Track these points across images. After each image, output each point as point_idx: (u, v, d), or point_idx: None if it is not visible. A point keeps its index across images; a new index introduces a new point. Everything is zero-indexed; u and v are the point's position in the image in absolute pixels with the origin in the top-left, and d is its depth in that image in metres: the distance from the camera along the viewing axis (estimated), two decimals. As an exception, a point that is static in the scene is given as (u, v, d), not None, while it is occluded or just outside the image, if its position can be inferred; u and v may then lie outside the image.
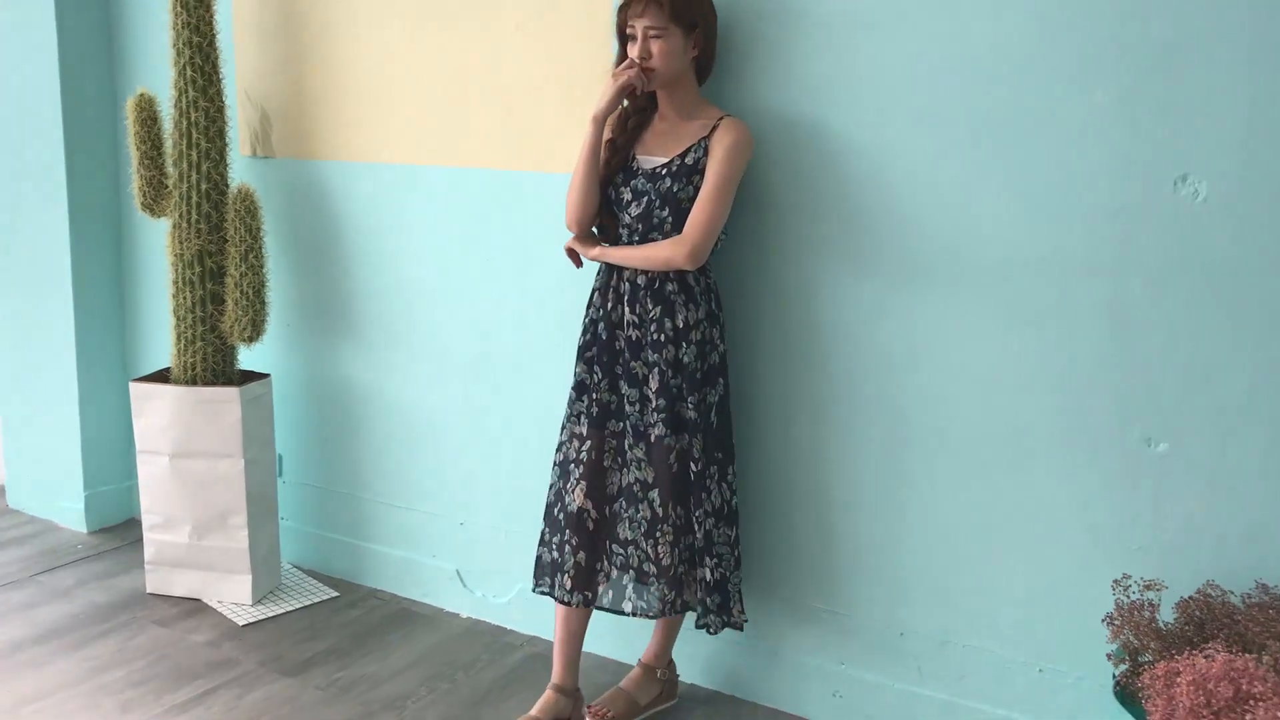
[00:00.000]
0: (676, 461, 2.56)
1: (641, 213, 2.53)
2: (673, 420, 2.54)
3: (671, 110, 2.57)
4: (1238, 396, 2.20)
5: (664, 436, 2.54)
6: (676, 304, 2.54)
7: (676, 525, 2.57)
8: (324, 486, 3.55)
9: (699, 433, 2.54)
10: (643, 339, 2.56)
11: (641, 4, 2.45)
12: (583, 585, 2.61)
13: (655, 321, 2.54)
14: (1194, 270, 2.21)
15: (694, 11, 2.47)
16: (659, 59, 2.46)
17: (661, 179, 2.52)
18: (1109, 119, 2.25)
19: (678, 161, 2.52)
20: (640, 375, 2.56)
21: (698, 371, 2.55)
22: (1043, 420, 2.40)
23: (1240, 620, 2.09)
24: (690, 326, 2.54)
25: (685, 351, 2.54)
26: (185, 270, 3.25)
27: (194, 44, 3.17)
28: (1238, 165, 2.14)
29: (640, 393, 2.57)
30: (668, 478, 2.55)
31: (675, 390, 2.54)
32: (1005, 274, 2.40)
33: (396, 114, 3.19)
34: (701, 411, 2.55)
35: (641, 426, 2.57)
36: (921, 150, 2.45)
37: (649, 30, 2.45)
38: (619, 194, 2.58)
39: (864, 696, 2.70)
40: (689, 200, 2.50)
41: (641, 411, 2.57)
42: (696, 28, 2.49)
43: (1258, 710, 1.80)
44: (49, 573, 3.55)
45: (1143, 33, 2.19)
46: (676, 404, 2.55)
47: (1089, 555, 2.38)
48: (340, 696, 2.85)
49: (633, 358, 2.57)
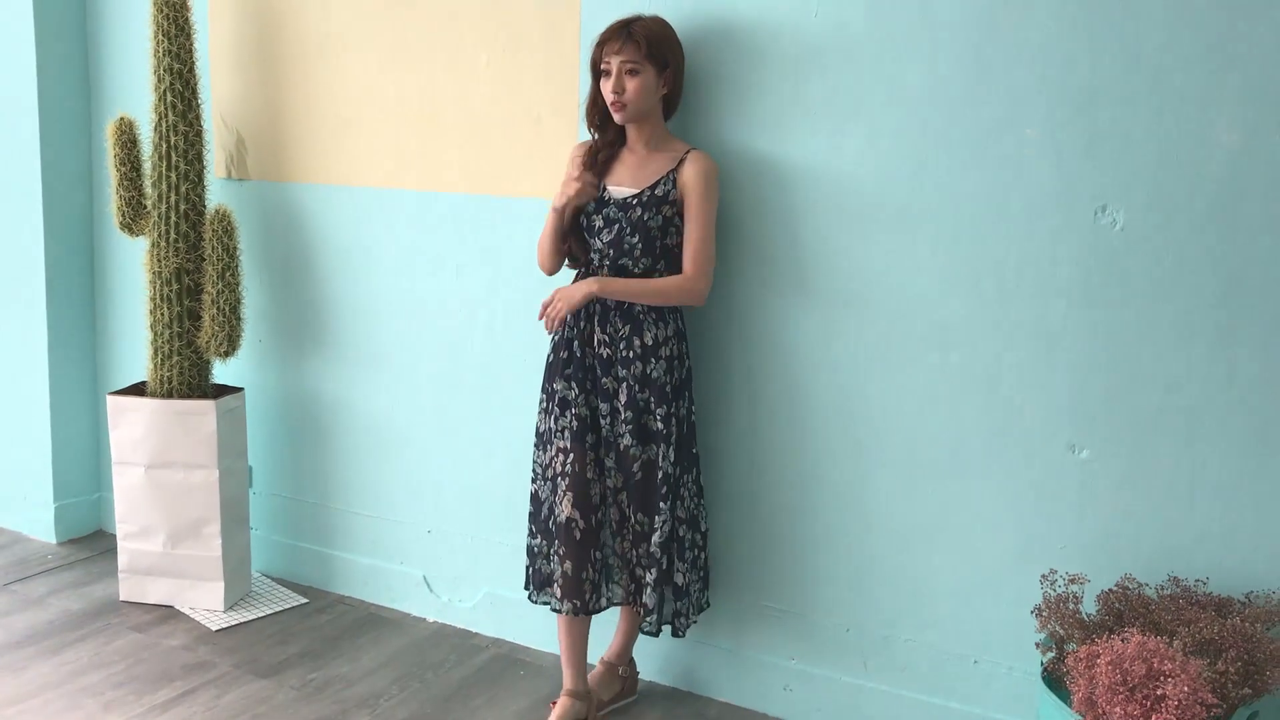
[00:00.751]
0: (641, 470, 2.73)
1: (613, 239, 2.70)
2: (639, 431, 2.72)
3: (640, 144, 2.75)
4: (1151, 406, 2.42)
5: (631, 446, 2.72)
6: (645, 323, 2.72)
7: (636, 531, 2.74)
8: (294, 496, 3.67)
9: (666, 443, 2.72)
10: (613, 356, 2.73)
11: (619, 40, 2.62)
12: (571, 594, 2.73)
13: (625, 340, 2.72)
14: (1113, 292, 2.42)
15: (667, 52, 2.66)
16: (632, 94, 2.63)
17: (633, 208, 2.70)
18: (1036, 153, 2.46)
19: (648, 193, 2.70)
20: (610, 389, 2.73)
21: (667, 385, 2.73)
22: (977, 430, 2.61)
23: (1154, 610, 2.29)
24: (659, 343, 2.72)
25: (654, 367, 2.71)
26: (163, 287, 3.36)
27: (174, 70, 3.31)
28: (1151, 197, 2.37)
29: (611, 406, 2.73)
30: (633, 484, 2.73)
31: (642, 404, 2.72)
32: (943, 294, 2.60)
33: (368, 139, 3.35)
34: (671, 424, 2.72)
35: (612, 438, 2.74)
36: (867, 179, 2.65)
37: (625, 65, 2.62)
38: (590, 221, 2.75)
39: (813, 689, 2.88)
40: (658, 228, 2.69)
41: (612, 424, 2.74)
42: (668, 67, 2.68)
43: (1167, 685, 2.00)
44: (20, 582, 3.62)
45: (1067, 77, 2.41)
46: (643, 416, 2.72)
47: (1019, 553, 2.58)
48: (315, 696, 2.97)
49: (603, 373, 2.73)
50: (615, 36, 2.63)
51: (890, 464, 2.72)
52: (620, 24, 2.65)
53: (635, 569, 2.77)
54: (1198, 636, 2.16)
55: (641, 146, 2.75)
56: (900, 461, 2.70)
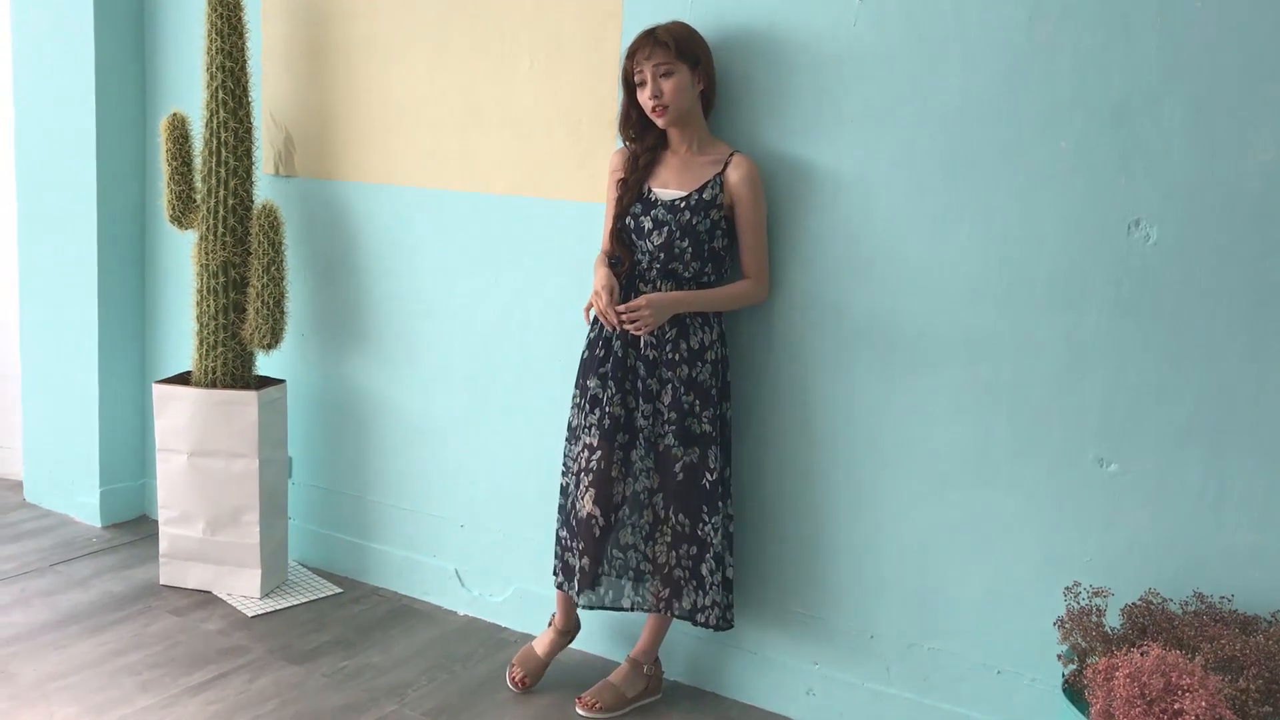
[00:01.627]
0: (683, 472, 2.77)
1: (663, 243, 2.75)
2: (682, 433, 2.76)
3: (684, 145, 2.79)
4: (1181, 422, 2.41)
5: (673, 447, 2.76)
6: (692, 327, 2.77)
7: (676, 531, 2.78)
8: (331, 488, 3.74)
9: (713, 445, 2.76)
10: (659, 358, 2.77)
11: (649, 47, 2.68)
12: (587, 586, 2.83)
13: (671, 342, 2.76)
14: (1144, 306, 2.42)
15: (695, 48, 2.71)
16: (670, 95, 2.68)
17: (681, 211, 2.74)
18: (1070, 167, 2.47)
19: (696, 196, 2.74)
20: (654, 391, 2.78)
21: (713, 388, 2.77)
22: (1004, 441, 2.61)
23: (1178, 625, 2.28)
24: (706, 347, 2.77)
25: (700, 370, 2.76)
26: (210, 280, 3.45)
27: (226, 69, 3.39)
28: (1186, 212, 2.36)
29: (654, 407, 2.78)
30: (673, 485, 2.77)
31: (687, 406, 2.76)
32: (972, 305, 2.61)
33: (413, 139, 3.41)
34: (717, 426, 2.77)
35: (653, 438, 2.78)
36: (899, 189, 2.66)
37: (658, 69, 2.67)
38: (639, 223, 2.79)
39: (836, 695, 2.89)
40: (706, 232, 2.73)
41: (654, 424, 2.78)
42: (700, 64, 2.72)
43: (1185, 700, 1.99)
44: (66, 563, 3.72)
45: (1102, 89, 2.42)
46: (687, 419, 2.76)
47: (1043, 565, 2.59)
48: (345, 683, 3.03)
49: (648, 375, 2.78)
50: (643, 45, 2.69)
51: (916, 473, 2.73)
52: (644, 33, 2.71)
53: (675, 571, 2.80)
54: (1220, 653, 2.15)
55: (684, 148, 2.79)
56: (926, 471, 2.71)
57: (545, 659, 3.04)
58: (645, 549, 2.82)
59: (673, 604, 2.81)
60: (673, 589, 2.81)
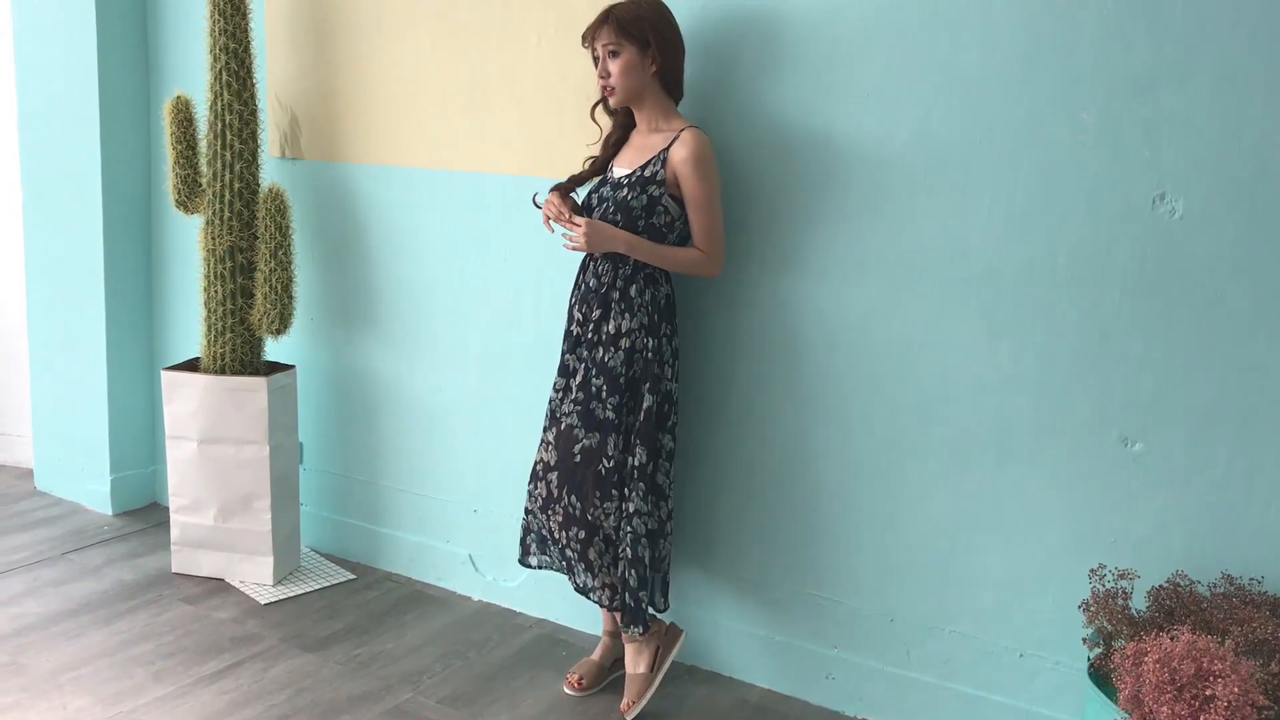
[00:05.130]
0: (580, 455, 2.74)
1: (599, 218, 2.73)
2: (585, 415, 2.73)
3: (643, 125, 2.79)
4: (1208, 400, 2.36)
5: (575, 428, 2.74)
6: (614, 311, 2.75)
7: (568, 513, 2.74)
8: (343, 473, 3.71)
9: (612, 434, 2.72)
10: (581, 336, 2.78)
11: (596, 26, 2.69)
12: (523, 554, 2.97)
13: (594, 324, 2.76)
14: (1169, 282, 2.37)
15: (644, 29, 2.67)
16: (616, 75, 2.68)
17: (621, 188, 2.73)
18: (1093, 140, 2.41)
19: (637, 173, 2.73)
20: (571, 368, 2.79)
21: (621, 376, 2.73)
22: (1027, 419, 2.56)
23: (1206, 608, 2.24)
24: (622, 334, 2.73)
25: (612, 356, 2.73)
26: (217, 265, 3.41)
27: (230, 50, 3.34)
28: (1212, 186, 2.30)
29: (567, 383, 2.80)
30: (568, 466, 2.74)
31: (594, 390, 2.74)
32: (994, 282, 2.56)
33: (420, 119, 3.36)
34: (621, 416, 2.73)
35: (559, 413, 2.79)
36: (919, 163, 2.61)
37: (606, 48, 2.67)
38: (588, 201, 2.81)
39: (856, 678, 2.86)
40: (642, 209, 2.69)
41: (563, 399, 2.79)
42: (651, 45, 2.68)
43: (1216, 686, 1.95)
44: (78, 551, 3.70)
45: (1126, 59, 2.35)
46: (592, 402, 2.73)
47: (1068, 546, 2.54)
48: (359, 671, 3.00)
49: (569, 350, 2.81)
50: (596, 23, 2.69)
51: (937, 453, 2.68)
52: (602, 11, 2.70)
53: (566, 550, 2.79)
54: (1251, 637, 2.11)
55: (644, 128, 2.79)
56: (948, 451, 2.67)
57: (599, 662, 2.99)
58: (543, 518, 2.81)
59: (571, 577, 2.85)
60: (566, 567, 2.84)
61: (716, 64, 2.84)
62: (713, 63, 2.85)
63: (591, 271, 2.80)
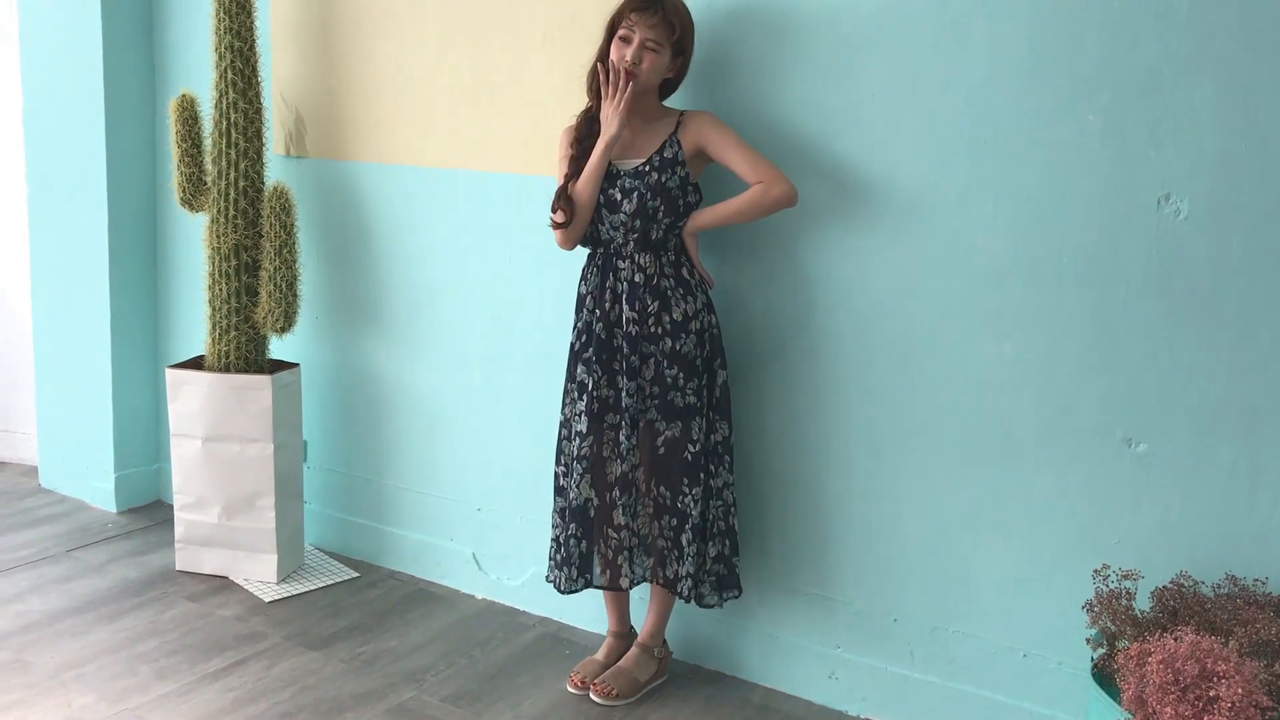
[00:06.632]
0: (664, 446, 2.74)
1: (636, 208, 2.71)
2: (665, 408, 2.73)
3: (638, 118, 2.78)
4: (1212, 401, 2.36)
5: (655, 421, 2.74)
6: (674, 298, 2.73)
7: (659, 503, 2.76)
8: (347, 471, 3.71)
9: (696, 418, 2.72)
10: (641, 333, 2.75)
11: (654, 16, 2.64)
12: (585, 570, 2.84)
13: (654, 316, 2.73)
14: (1174, 283, 2.36)
15: (687, 41, 2.71)
16: (646, 70, 2.68)
17: (647, 174, 2.72)
18: (1098, 141, 2.40)
19: (657, 157, 2.73)
20: (636, 367, 2.76)
21: (697, 359, 2.74)
22: (1031, 420, 2.56)
23: (1210, 609, 2.23)
24: (689, 318, 2.73)
25: (683, 342, 2.72)
26: (221, 263, 3.41)
27: (235, 48, 3.34)
28: (1216, 186, 2.30)
29: (636, 384, 2.76)
30: (652, 459, 2.75)
31: (670, 380, 2.73)
32: (999, 282, 2.55)
33: (426, 118, 3.36)
34: (702, 398, 2.73)
35: (636, 416, 2.77)
36: (923, 164, 2.61)
37: (648, 41, 2.65)
38: (608, 197, 2.75)
39: (859, 678, 2.86)
40: (677, 188, 2.70)
41: (638, 400, 2.76)
42: (682, 55, 2.72)
43: (1220, 687, 1.95)
44: (82, 549, 3.71)
45: (1131, 60, 2.35)
46: (670, 393, 2.73)
47: (1071, 547, 2.54)
48: (363, 669, 3.01)
49: (631, 352, 2.75)
50: (649, 7, 2.64)
51: (941, 453, 2.68)
52: None
53: (658, 541, 2.79)
54: (1255, 637, 2.11)
55: (638, 120, 2.79)
56: (951, 450, 2.67)
57: (603, 661, 2.99)
58: (634, 525, 2.81)
59: (658, 573, 2.81)
60: (658, 559, 2.81)
61: (721, 63, 2.84)
62: (717, 62, 2.85)
63: (628, 268, 2.75)
